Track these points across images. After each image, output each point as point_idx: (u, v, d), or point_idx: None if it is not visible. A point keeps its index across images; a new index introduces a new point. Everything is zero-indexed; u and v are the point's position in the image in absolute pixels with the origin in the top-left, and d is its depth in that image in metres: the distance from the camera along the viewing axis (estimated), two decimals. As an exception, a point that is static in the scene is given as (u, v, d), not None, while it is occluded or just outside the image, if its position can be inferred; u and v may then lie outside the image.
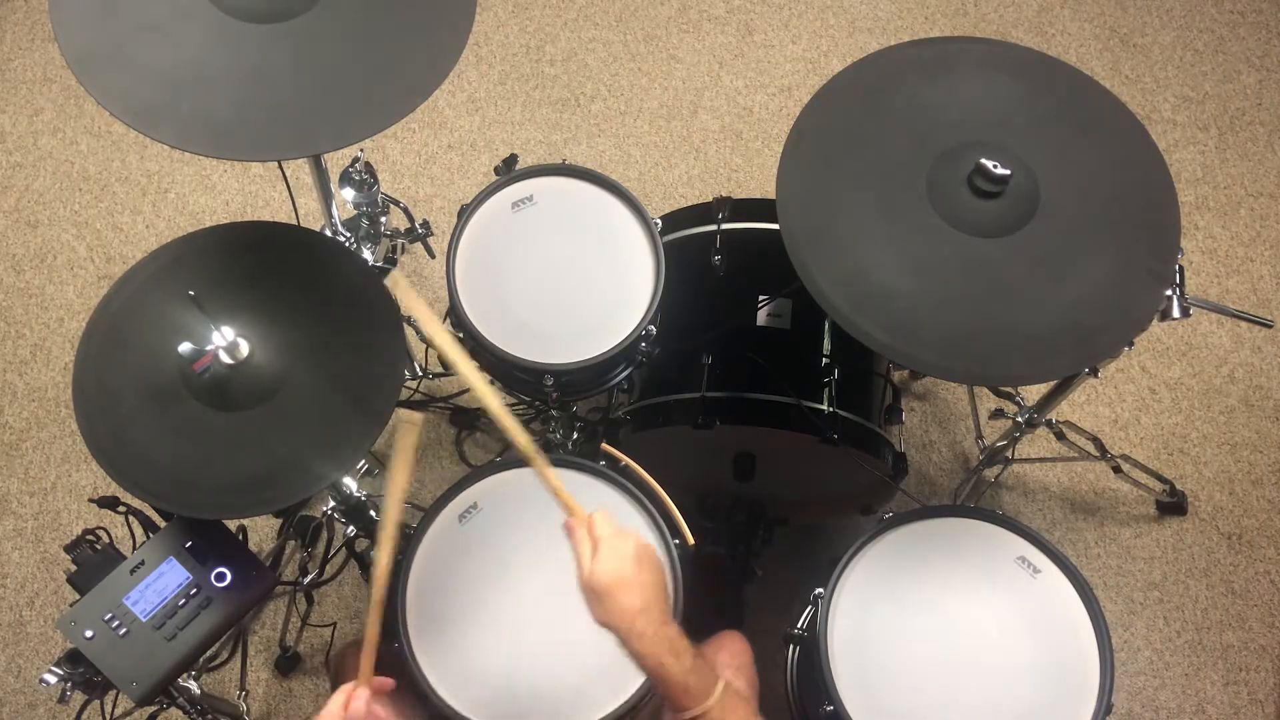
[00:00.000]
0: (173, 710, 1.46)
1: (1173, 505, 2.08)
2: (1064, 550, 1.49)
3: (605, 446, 1.44)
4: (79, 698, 1.27)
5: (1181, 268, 1.40)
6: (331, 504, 1.75)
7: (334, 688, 1.61)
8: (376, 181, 1.80)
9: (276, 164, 2.04)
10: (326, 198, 1.72)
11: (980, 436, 2.08)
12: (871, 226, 1.33)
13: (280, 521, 1.93)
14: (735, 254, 1.67)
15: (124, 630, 1.24)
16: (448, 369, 1.93)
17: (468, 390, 2.16)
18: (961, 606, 1.39)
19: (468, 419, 2.13)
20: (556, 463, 1.44)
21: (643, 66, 2.59)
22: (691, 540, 1.36)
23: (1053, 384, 1.69)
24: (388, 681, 1.12)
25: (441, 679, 1.29)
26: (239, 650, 1.86)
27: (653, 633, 1.01)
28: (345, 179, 1.78)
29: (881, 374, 1.76)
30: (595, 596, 1.03)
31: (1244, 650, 1.98)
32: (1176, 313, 1.39)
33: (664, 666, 1.01)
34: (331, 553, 1.92)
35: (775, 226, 1.34)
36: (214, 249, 1.40)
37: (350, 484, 1.67)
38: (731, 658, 1.43)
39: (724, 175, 2.45)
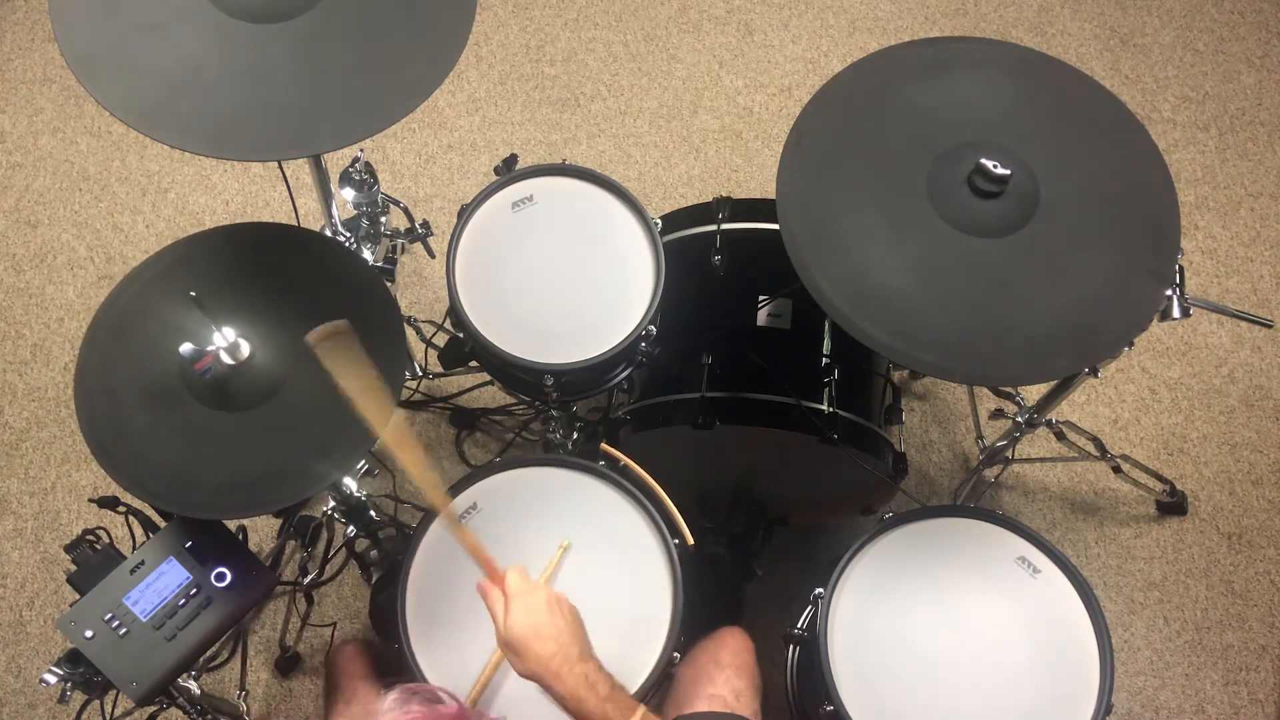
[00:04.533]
0: (173, 710, 1.46)
1: (1173, 505, 2.08)
2: (1064, 550, 1.49)
3: (604, 446, 1.44)
4: (79, 698, 1.27)
5: (1181, 268, 1.40)
6: (331, 504, 1.75)
7: (330, 687, 1.61)
8: (376, 181, 1.80)
9: (276, 164, 2.04)
10: (326, 198, 1.72)
11: (980, 436, 2.08)
12: (871, 226, 1.33)
13: (280, 521, 1.93)
14: (735, 254, 1.67)
15: (124, 630, 1.24)
16: (447, 369, 1.93)
17: (468, 390, 2.17)
18: (962, 606, 1.39)
19: (468, 419, 2.13)
20: (556, 463, 1.44)
21: (643, 66, 2.59)
22: (691, 540, 1.36)
23: (1053, 384, 1.69)
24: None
25: (441, 678, 1.29)
26: (239, 650, 1.86)
27: (568, 671, 1.06)
28: (345, 179, 1.78)
29: (881, 374, 1.76)
30: (513, 651, 1.08)
31: (1244, 650, 1.98)
32: (1176, 313, 1.39)
33: (581, 700, 1.05)
34: (331, 553, 1.92)
35: (775, 226, 1.34)
36: (215, 250, 1.40)
37: (350, 484, 1.67)
38: (733, 655, 1.43)
39: (724, 175, 2.45)
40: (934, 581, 1.41)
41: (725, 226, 1.68)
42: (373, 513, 1.74)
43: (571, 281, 1.54)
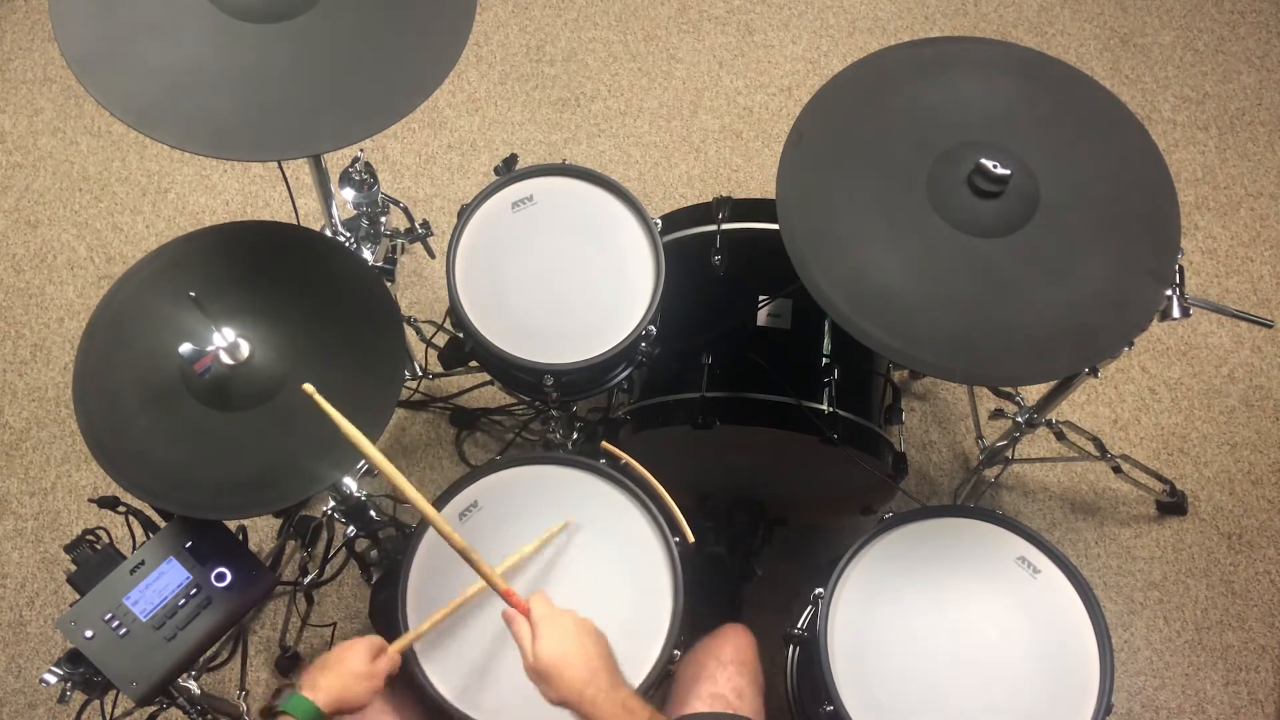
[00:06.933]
0: (173, 710, 1.46)
1: (1173, 505, 2.08)
2: (1064, 550, 1.49)
3: (605, 445, 1.44)
4: (79, 698, 1.27)
5: (1181, 268, 1.40)
6: (331, 504, 1.75)
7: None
8: (376, 181, 1.80)
9: (276, 164, 2.04)
10: (326, 198, 1.72)
11: (980, 436, 2.08)
12: (871, 226, 1.33)
13: (280, 521, 1.93)
14: (735, 254, 1.67)
15: (124, 630, 1.24)
16: (447, 370, 1.93)
17: (468, 390, 2.17)
18: (962, 606, 1.39)
19: (468, 419, 2.13)
20: (557, 461, 1.44)
21: (643, 66, 2.59)
22: (691, 538, 1.36)
23: (1053, 384, 1.69)
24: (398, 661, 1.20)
25: (443, 677, 1.29)
26: (239, 650, 1.86)
27: (604, 698, 1.03)
28: (345, 179, 1.78)
29: (881, 374, 1.76)
30: (543, 678, 1.05)
31: (1244, 650, 1.98)
32: (1176, 313, 1.39)
33: None
34: (331, 553, 1.92)
35: (775, 226, 1.34)
36: (214, 249, 1.40)
37: (350, 484, 1.67)
38: (735, 652, 1.43)
39: (724, 175, 2.45)
40: (934, 581, 1.41)
41: (725, 226, 1.68)
42: (373, 513, 1.74)
43: (571, 281, 1.54)
